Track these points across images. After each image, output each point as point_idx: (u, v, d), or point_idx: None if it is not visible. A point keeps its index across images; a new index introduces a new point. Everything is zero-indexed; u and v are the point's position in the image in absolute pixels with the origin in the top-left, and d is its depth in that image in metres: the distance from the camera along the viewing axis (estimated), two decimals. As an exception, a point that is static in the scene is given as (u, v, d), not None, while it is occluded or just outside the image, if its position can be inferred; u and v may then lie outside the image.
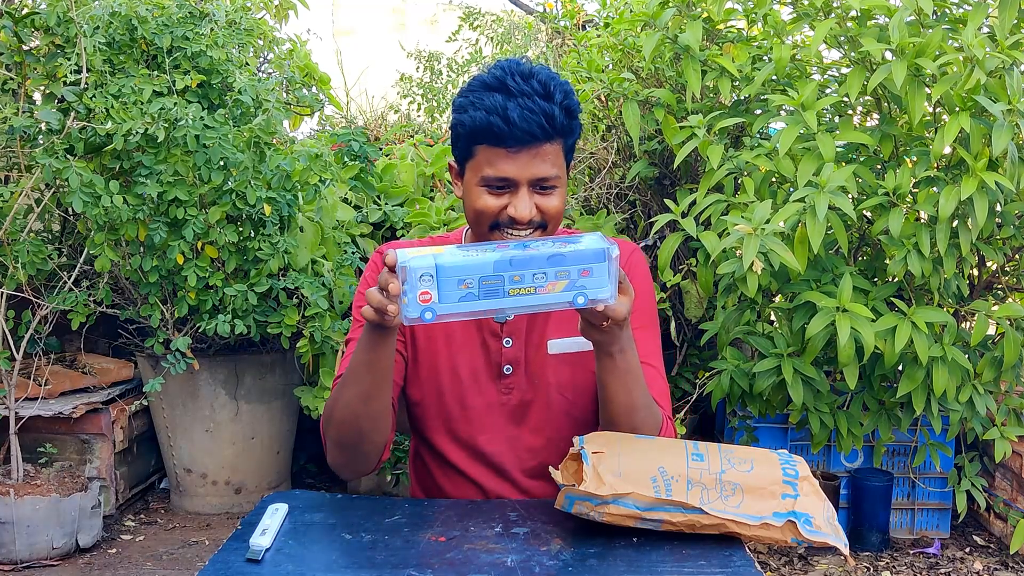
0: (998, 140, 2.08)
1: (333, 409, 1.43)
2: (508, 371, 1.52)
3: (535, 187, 1.42)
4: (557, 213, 1.45)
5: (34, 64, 3.00)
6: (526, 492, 1.54)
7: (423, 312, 1.17)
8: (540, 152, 1.40)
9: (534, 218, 1.43)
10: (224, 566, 1.17)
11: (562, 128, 1.41)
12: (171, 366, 3.12)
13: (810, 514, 1.23)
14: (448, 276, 1.16)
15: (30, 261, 2.93)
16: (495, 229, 1.45)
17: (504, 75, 1.41)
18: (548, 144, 1.40)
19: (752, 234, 2.09)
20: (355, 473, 1.51)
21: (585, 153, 3.14)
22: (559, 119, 1.39)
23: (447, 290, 1.17)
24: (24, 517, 2.90)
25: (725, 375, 2.55)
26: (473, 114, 1.41)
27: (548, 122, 1.38)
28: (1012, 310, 2.36)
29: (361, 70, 5.06)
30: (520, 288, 1.18)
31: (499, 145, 1.40)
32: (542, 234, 1.45)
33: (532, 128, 1.38)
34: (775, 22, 2.48)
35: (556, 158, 1.43)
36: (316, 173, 3.14)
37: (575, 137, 1.47)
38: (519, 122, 1.37)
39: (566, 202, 1.50)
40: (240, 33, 3.19)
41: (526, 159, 1.40)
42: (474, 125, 1.41)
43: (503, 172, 1.41)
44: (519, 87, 1.39)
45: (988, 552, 3.15)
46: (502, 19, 5.45)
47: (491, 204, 1.43)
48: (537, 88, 1.40)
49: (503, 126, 1.38)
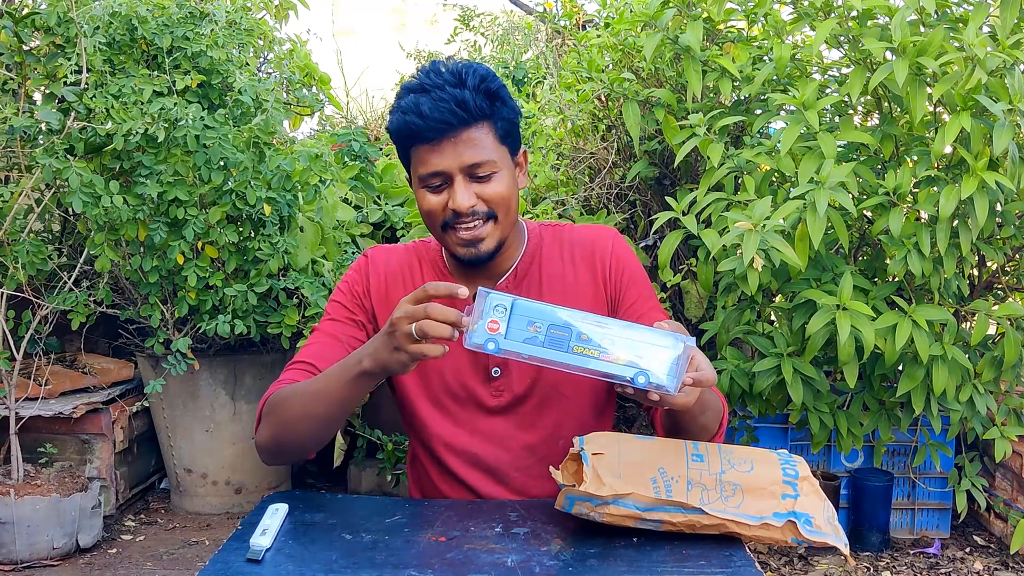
0: (999, 140, 2.08)
1: (282, 407, 1.39)
2: (496, 373, 1.52)
3: (471, 177, 1.42)
4: (502, 200, 1.44)
5: (34, 64, 3.00)
6: (522, 493, 1.54)
7: (487, 341, 1.18)
8: (462, 139, 1.40)
9: (477, 207, 1.42)
10: (224, 566, 1.17)
11: (480, 111, 1.40)
12: (171, 366, 3.12)
13: (810, 514, 1.23)
14: (521, 314, 1.18)
15: (30, 261, 2.93)
16: (446, 229, 1.45)
17: (422, 75, 1.43)
18: (470, 129, 1.40)
19: (753, 230, 2.09)
20: (276, 463, 1.50)
21: (585, 153, 3.14)
22: (473, 102, 1.39)
23: (516, 327, 1.18)
24: (24, 517, 2.90)
25: (725, 375, 2.54)
26: (394, 118, 1.44)
27: (461, 107, 1.38)
28: (1012, 310, 2.36)
29: (361, 70, 5.06)
30: (585, 348, 1.17)
31: (422, 141, 1.41)
32: (494, 224, 1.44)
33: (445, 116, 1.38)
34: (775, 22, 2.48)
35: (485, 142, 1.41)
36: (316, 173, 3.14)
37: (508, 120, 1.45)
38: (431, 113, 1.38)
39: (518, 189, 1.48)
40: (240, 33, 3.19)
41: (449, 148, 1.40)
42: (396, 128, 1.43)
43: (432, 166, 1.41)
44: (432, 81, 1.40)
45: (988, 552, 3.15)
46: (497, 19, 5.45)
47: (434, 202, 1.44)
48: (448, 78, 1.40)
49: (418, 120, 1.39)
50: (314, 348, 1.50)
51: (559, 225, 1.63)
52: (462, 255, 1.46)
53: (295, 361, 1.49)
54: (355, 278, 1.57)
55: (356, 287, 1.56)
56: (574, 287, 1.55)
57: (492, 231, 1.45)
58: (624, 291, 1.57)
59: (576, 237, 1.59)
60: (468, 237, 1.44)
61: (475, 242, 1.44)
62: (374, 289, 1.55)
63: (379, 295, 1.55)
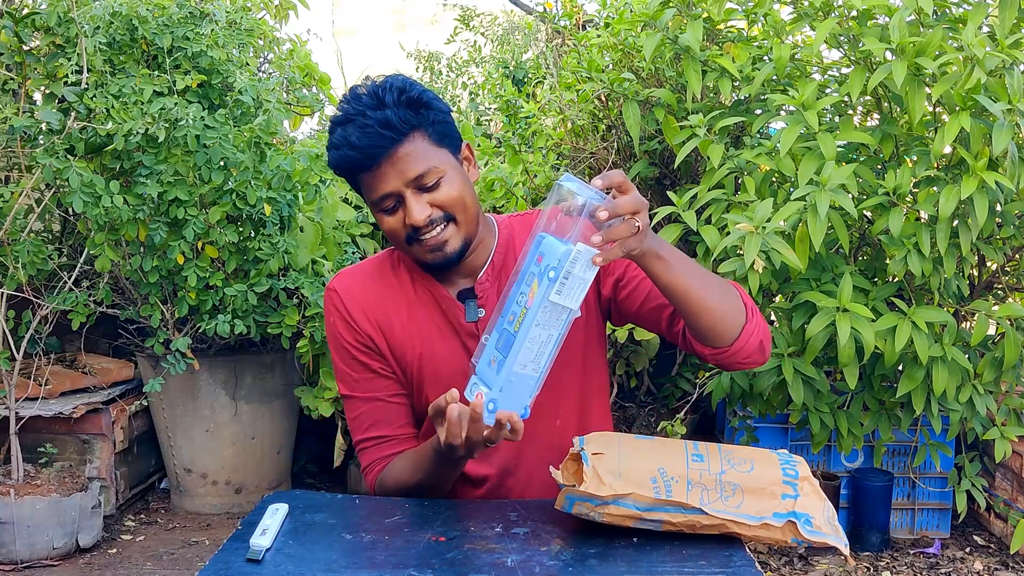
0: (998, 139, 2.08)
1: (403, 492, 1.50)
2: None
3: (419, 188, 1.42)
4: (454, 201, 1.44)
5: (35, 64, 3.00)
6: (524, 490, 1.54)
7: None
8: (398, 156, 1.40)
9: (433, 215, 1.43)
10: (224, 566, 1.17)
11: (407, 124, 1.40)
12: (171, 366, 3.12)
13: (810, 514, 1.23)
14: (481, 369, 1.29)
15: (30, 261, 2.93)
16: (411, 243, 1.46)
17: (343, 105, 1.43)
18: (403, 145, 1.40)
19: (754, 233, 2.09)
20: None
21: (585, 153, 3.14)
22: (397, 118, 1.39)
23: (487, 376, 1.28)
24: (24, 517, 2.90)
25: (725, 375, 2.55)
26: (331, 155, 1.44)
27: (386, 128, 1.38)
28: (1012, 310, 2.36)
29: (361, 70, 5.06)
30: (517, 318, 1.22)
31: (364, 170, 1.42)
32: (455, 226, 1.45)
33: (376, 140, 1.38)
34: (775, 22, 2.48)
35: (422, 151, 1.41)
36: (316, 173, 3.15)
37: (440, 121, 1.45)
38: (360, 141, 1.39)
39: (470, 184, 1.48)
40: (240, 33, 3.19)
41: (389, 169, 1.40)
42: (337, 164, 1.44)
43: (379, 191, 1.42)
44: (354, 109, 1.41)
45: (988, 552, 3.15)
46: (497, 19, 5.46)
47: (393, 223, 1.45)
48: (368, 102, 1.40)
49: (352, 153, 1.40)
50: (367, 419, 1.56)
51: (527, 213, 1.63)
52: (430, 260, 1.47)
53: (363, 441, 1.56)
54: (339, 322, 1.55)
55: (348, 330, 1.54)
56: None
57: (455, 232, 1.45)
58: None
59: None
60: (433, 243, 1.44)
61: (440, 246, 1.45)
62: (359, 317, 1.53)
63: (369, 318, 1.53)
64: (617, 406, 3.72)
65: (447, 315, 1.53)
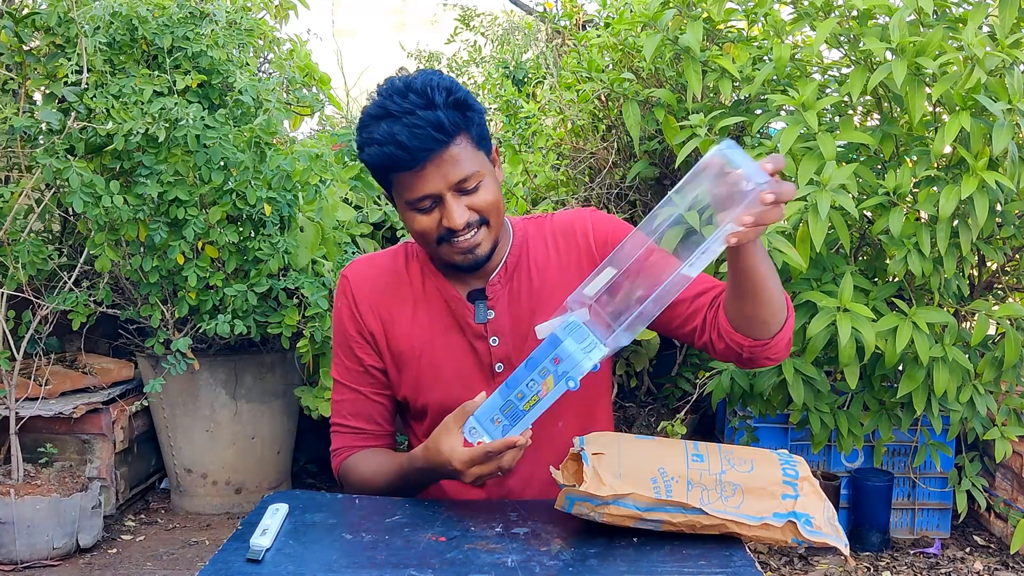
0: (998, 139, 2.08)
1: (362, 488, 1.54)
2: (500, 369, 1.52)
3: (458, 191, 1.41)
4: (490, 206, 1.44)
5: (35, 64, 3.00)
6: (524, 490, 1.54)
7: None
8: (445, 159, 1.38)
9: (471, 220, 1.42)
10: (224, 566, 1.17)
11: (456, 127, 1.38)
12: (171, 366, 3.12)
13: (810, 514, 1.23)
14: (483, 419, 1.32)
15: (30, 261, 2.93)
16: (441, 243, 1.45)
17: (384, 100, 1.39)
18: (450, 148, 1.38)
19: (753, 234, 2.09)
20: None
21: (585, 153, 3.14)
22: (448, 121, 1.37)
23: (489, 430, 1.31)
24: (24, 517, 2.90)
25: (726, 375, 2.55)
26: (370, 151, 1.40)
27: (438, 130, 1.36)
28: (1012, 310, 2.36)
29: (361, 70, 5.07)
30: (528, 400, 1.28)
31: (405, 169, 1.39)
32: (487, 229, 1.45)
33: (426, 143, 1.36)
34: (775, 22, 2.48)
35: (466, 154, 1.40)
36: (316, 173, 3.14)
37: (479, 124, 1.44)
38: (410, 142, 1.35)
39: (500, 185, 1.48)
40: (240, 33, 3.19)
41: (434, 171, 1.38)
42: (376, 161, 1.40)
43: (421, 191, 1.40)
44: (400, 107, 1.37)
45: (988, 552, 3.15)
46: (497, 19, 5.46)
47: (426, 224, 1.43)
48: (417, 101, 1.37)
49: (399, 152, 1.36)
50: (348, 407, 1.60)
51: (540, 216, 1.63)
52: (459, 262, 1.46)
53: (339, 423, 1.60)
54: (345, 309, 1.57)
55: (351, 319, 1.56)
56: (562, 272, 1.55)
57: (486, 236, 1.45)
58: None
59: (556, 224, 1.60)
60: (466, 246, 1.44)
61: (472, 249, 1.45)
62: (364, 308, 1.55)
63: (372, 310, 1.55)
64: (617, 406, 3.72)
65: (455, 315, 1.53)
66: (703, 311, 1.47)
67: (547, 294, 1.53)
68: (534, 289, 1.53)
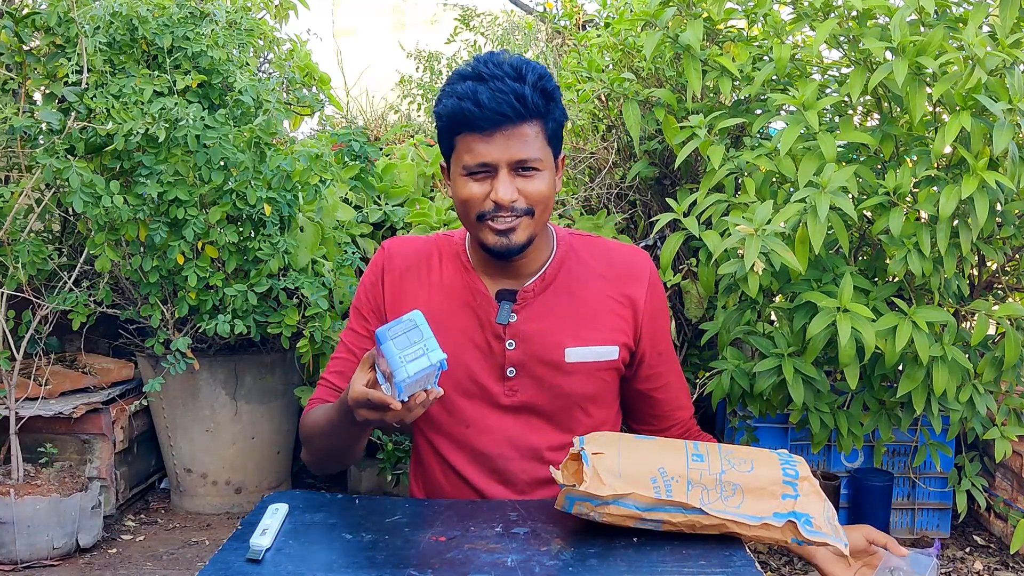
0: (999, 139, 2.08)
1: (310, 441, 1.56)
2: (511, 373, 1.52)
3: (516, 170, 1.41)
4: (541, 198, 1.44)
5: (35, 64, 3.00)
6: (526, 495, 1.54)
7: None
8: (516, 133, 1.39)
9: (517, 203, 1.42)
10: (224, 566, 1.17)
11: (536, 109, 1.40)
12: (171, 366, 3.12)
13: (810, 514, 1.23)
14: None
15: (30, 261, 2.93)
16: (481, 220, 1.45)
17: (478, 64, 1.42)
18: (524, 125, 1.40)
19: (753, 235, 2.09)
20: (327, 473, 1.65)
21: (585, 153, 3.14)
22: (531, 99, 1.38)
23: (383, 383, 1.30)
24: (24, 517, 2.90)
25: (725, 375, 2.54)
26: (447, 102, 1.42)
27: (519, 102, 1.38)
28: (1012, 310, 2.36)
29: (361, 70, 5.06)
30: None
31: (474, 130, 1.40)
32: (529, 221, 1.45)
33: (503, 108, 1.37)
34: (775, 22, 2.48)
35: (536, 140, 1.41)
36: (316, 173, 3.14)
37: (557, 121, 1.46)
38: (489, 103, 1.37)
39: (555, 192, 1.49)
40: (240, 33, 3.19)
41: (502, 140, 1.39)
42: (449, 113, 1.42)
43: (481, 156, 1.40)
44: (491, 72, 1.40)
45: (988, 552, 3.15)
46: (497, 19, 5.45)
47: (475, 192, 1.43)
48: (508, 71, 1.40)
49: (474, 109, 1.38)
50: (338, 365, 1.61)
51: (591, 236, 1.63)
52: (492, 244, 1.46)
53: (323, 377, 1.62)
54: (372, 277, 1.61)
55: (372, 288, 1.60)
56: (600, 299, 1.55)
57: (526, 226, 1.45)
58: (652, 338, 1.61)
59: (613, 253, 1.60)
60: (503, 227, 1.44)
61: (508, 232, 1.44)
62: (388, 283, 1.58)
63: (393, 287, 1.58)
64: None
65: (477, 310, 1.53)
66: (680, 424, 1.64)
67: (583, 314, 1.53)
68: (569, 306, 1.53)
